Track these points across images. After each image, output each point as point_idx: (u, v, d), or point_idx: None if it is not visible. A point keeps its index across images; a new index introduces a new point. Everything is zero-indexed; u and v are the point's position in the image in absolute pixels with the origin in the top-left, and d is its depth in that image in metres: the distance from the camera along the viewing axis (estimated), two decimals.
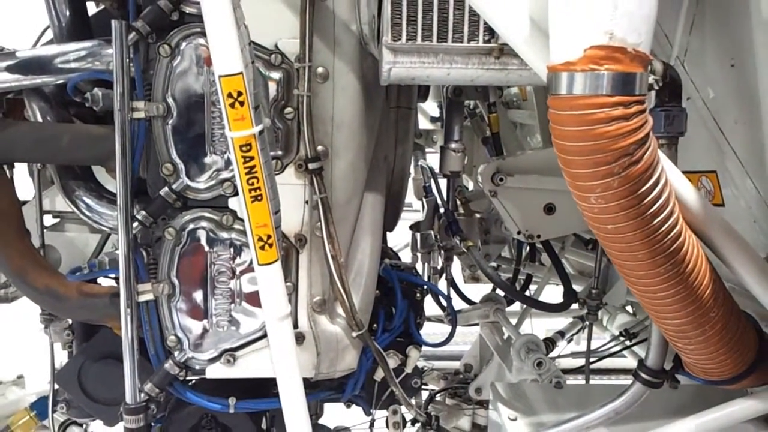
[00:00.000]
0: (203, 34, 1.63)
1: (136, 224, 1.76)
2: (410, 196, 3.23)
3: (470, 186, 3.71)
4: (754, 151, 1.63)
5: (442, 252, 2.82)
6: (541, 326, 4.08)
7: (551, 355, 3.34)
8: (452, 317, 2.44)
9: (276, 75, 1.72)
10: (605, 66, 1.10)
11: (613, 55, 1.10)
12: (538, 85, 2.33)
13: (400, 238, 3.24)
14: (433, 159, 3.51)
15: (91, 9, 2.12)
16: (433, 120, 3.96)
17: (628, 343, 3.44)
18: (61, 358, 2.47)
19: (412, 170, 3.09)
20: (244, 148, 1.46)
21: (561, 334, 3.45)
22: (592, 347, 3.72)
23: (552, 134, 1.20)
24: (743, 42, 1.55)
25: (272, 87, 1.73)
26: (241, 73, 1.40)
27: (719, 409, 1.61)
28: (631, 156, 1.14)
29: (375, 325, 2.09)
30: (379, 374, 2.06)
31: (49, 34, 2.13)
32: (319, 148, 1.77)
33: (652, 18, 1.12)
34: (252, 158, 1.47)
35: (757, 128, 1.55)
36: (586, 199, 1.21)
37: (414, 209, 3.56)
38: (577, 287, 3.10)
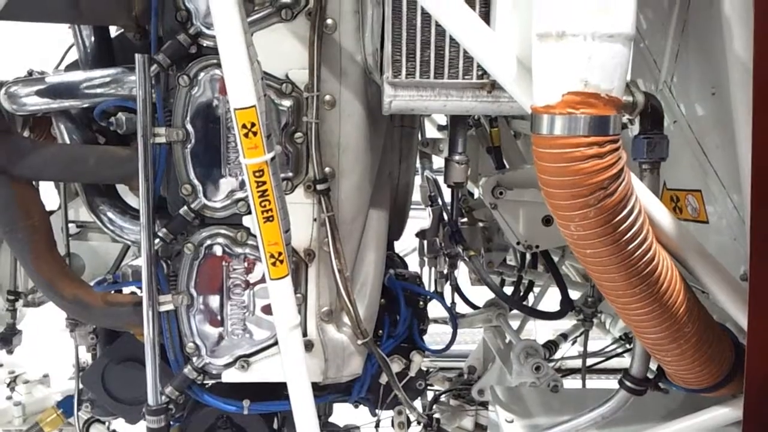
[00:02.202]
0: (219, 66, 1.74)
1: (157, 240, 1.90)
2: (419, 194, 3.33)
3: (476, 193, 3.81)
4: (732, 174, 1.73)
5: (447, 259, 2.93)
6: (548, 327, 4.19)
7: (556, 356, 3.46)
8: (453, 324, 2.55)
9: (287, 103, 1.84)
10: (581, 110, 1.22)
11: (587, 100, 1.22)
12: None
13: (407, 243, 3.35)
14: (439, 162, 3.60)
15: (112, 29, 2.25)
16: (440, 128, 4.05)
17: (628, 346, 3.55)
18: (85, 359, 2.62)
19: (418, 178, 3.20)
20: (257, 174, 1.57)
21: (564, 336, 3.54)
22: (596, 348, 3.84)
23: (536, 168, 1.32)
24: (721, 73, 1.65)
25: (283, 114, 1.85)
26: (254, 106, 1.52)
27: (698, 416, 1.70)
28: (606, 189, 1.26)
29: (380, 331, 2.19)
30: (385, 378, 2.15)
31: (73, 52, 2.27)
32: (327, 170, 1.88)
33: (624, 66, 1.23)
34: (264, 183, 1.58)
35: (734, 153, 1.65)
36: (566, 226, 1.33)
37: (423, 207, 3.64)
38: (580, 292, 3.20)
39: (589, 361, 3.49)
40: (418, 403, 2.56)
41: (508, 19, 1.43)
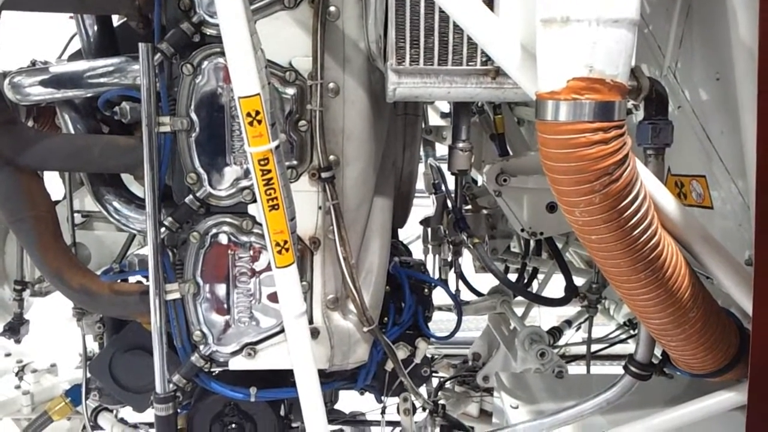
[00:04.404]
0: (223, 54, 1.74)
1: (163, 229, 1.90)
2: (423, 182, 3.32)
3: (480, 180, 3.81)
4: (737, 160, 1.73)
5: (451, 246, 2.94)
6: (552, 314, 4.20)
7: (560, 342, 3.48)
8: (458, 311, 2.55)
9: (290, 91, 1.84)
10: (586, 96, 1.22)
11: (592, 85, 1.22)
12: None
13: (411, 230, 3.35)
14: (443, 150, 3.60)
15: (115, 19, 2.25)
16: (443, 116, 4.04)
17: (632, 332, 3.56)
18: (92, 348, 2.63)
19: (422, 166, 3.21)
20: (262, 162, 1.57)
21: (568, 323, 3.56)
22: (601, 334, 3.85)
23: (540, 155, 1.32)
24: (726, 59, 1.65)
25: (287, 102, 1.85)
26: (258, 94, 1.52)
27: (703, 400, 1.70)
28: (611, 175, 1.26)
29: (386, 319, 2.20)
30: (390, 365, 2.16)
31: (76, 42, 2.27)
32: (331, 157, 1.88)
33: (628, 51, 1.23)
34: (269, 171, 1.58)
35: (738, 139, 1.65)
36: (571, 212, 1.34)
37: (426, 195, 3.65)
38: (584, 279, 3.21)
39: (594, 347, 3.50)
40: (423, 390, 2.57)
41: (512, 5, 1.44)
